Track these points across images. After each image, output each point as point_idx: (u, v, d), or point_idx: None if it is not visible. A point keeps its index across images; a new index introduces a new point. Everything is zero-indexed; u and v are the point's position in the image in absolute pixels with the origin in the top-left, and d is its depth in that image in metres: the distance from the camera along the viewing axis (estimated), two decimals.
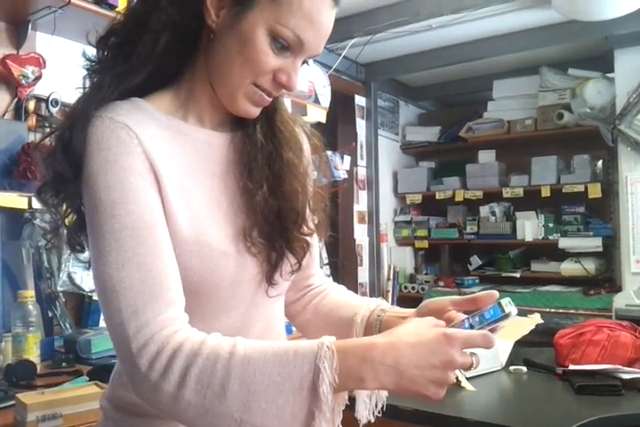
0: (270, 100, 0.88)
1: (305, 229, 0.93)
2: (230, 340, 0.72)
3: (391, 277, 4.20)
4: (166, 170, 0.81)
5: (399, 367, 0.67)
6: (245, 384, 0.67)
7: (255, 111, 0.88)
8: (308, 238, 0.93)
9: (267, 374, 0.67)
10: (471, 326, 0.75)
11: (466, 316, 0.80)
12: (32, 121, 2.15)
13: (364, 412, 0.91)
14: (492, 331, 0.74)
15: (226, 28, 0.82)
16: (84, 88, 0.86)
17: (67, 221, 0.87)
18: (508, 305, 0.75)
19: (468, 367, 0.70)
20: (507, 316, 0.74)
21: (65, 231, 0.88)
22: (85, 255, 0.86)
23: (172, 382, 0.68)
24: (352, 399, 0.89)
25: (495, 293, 0.81)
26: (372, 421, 0.92)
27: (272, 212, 0.88)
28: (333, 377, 0.66)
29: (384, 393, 0.92)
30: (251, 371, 0.67)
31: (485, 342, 0.70)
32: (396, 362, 0.67)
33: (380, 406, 0.92)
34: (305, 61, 0.87)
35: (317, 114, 3.18)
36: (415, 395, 0.69)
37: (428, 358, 0.67)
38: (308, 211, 0.94)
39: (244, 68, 0.82)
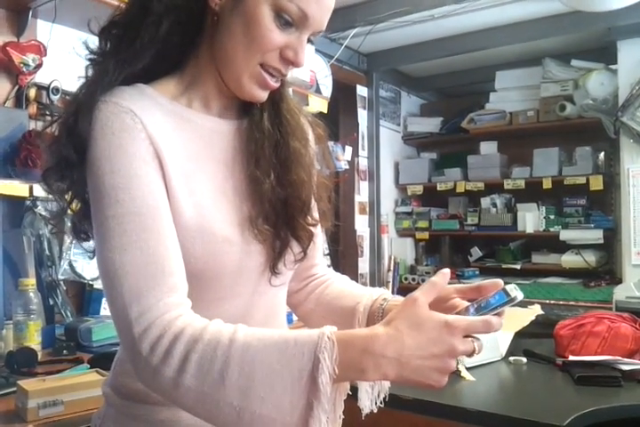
0: (277, 85, 0.87)
1: (310, 218, 0.93)
2: (231, 326, 0.71)
3: (392, 268, 4.20)
4: (170, 156, 0.81)
5: (401, 359, 0.67)
6: (244, 372, 0.67)
7: (262, 95, 0.87)
8: (312, 228, 0.93)
9: (266, 363, 0.67)
10: (477, 312, 0.74)
11: (470, 303, 0.80)
12: (33, 109, 2.14)
13: (367, 401, 0.91)
14: (498, 316, 0.73)
15: (229, 8, 0.82)
16: (87, 77, 0.85)
17: (72, 208, 0.87)
18: (514, 290, 0.74)
19: (471, 354, 0.70)
20: (512, 300, 0.73)
21: (69, 219, 0.88)
22: (88, 244, 0.86)
23: (173, 367, 0.68)
24: (355, 389, 0.89)
25: (500, 281, 0.80)
26: (375, 410, 0.92)
27: (279, 200, 0.88)
28: (333, 368, 0.65)
29: (386, 383, 0.92)
30: (250, 358, 0.67)
31: (486, 328, 0.69)
32: (399, 354, 0.67)
33: (382, 395, 0.92)
34: (309, 40, 0.86)
35: (319, 104, 3.17)
36: (417, 384, 0.69)
37: (430, 348, 0.67)
38: (313, 200, 0.94)
39: (251, 46, 0.82)
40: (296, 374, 0.66)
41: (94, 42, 0.86)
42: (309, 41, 0.86)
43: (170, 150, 0.81)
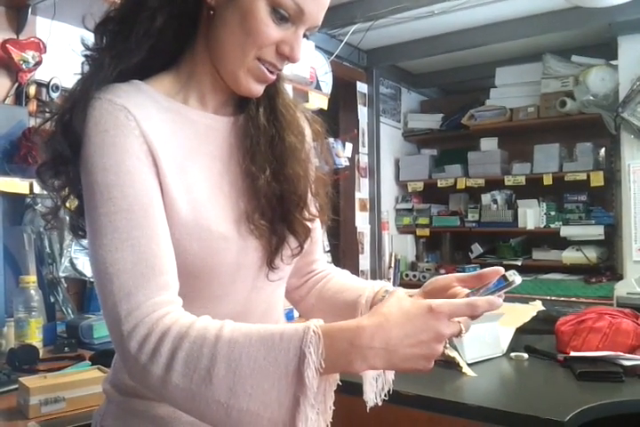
0: (274, 77, 0.87)
1: (306, 213, 0.92)
2: (218, 323, 0.71)
3: (392, 264, 4.20)
4: (165, 153, 0.81)
5: (388, 348, 0.67)
6: (231, 368, 0.66)
7: (259, 89, 0.87)
8: (309, 223, 0.93)
9: (252, 358, 0.66)
10: None
11: (470, 290, 0.80)
12: (33, 106, 2.15)
13: (371, 394, 0.91)
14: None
15: (225, 2, 0.82)
16: (83, 74, 0.85)
17: (69, 205, 0.87)
18: (512, 275, 0.75)
19: (458, 335, 0.70)
20: (510, 284, 0.74)
21: (67, 216, 0.88)
22: (87, 241, 0.86)
23: (160, 366, 0.68)
24: (359, 385, 0.89)
25: (500, 268, 0.80)
26: (380, 403, 0.92)
27: (274, 195, 0.88)
28: (319, 362, 0.65)
29: (390, 376, 0.92)
30: (236, 355, 0.67)
31: (471, 311, 0.69)
32: (386, 344, 0.67)
33: (386, 388, 0.92)
34: (305, 35, 0.86)
35: (319, 100, 3.16)
36: (404, 371, 0.69)
37: (417, 335, 0.67)
38: (309, 195, 0.94)
39: (246, 41, 0.81)
40: (282, 370, 0.66)
41: (90, 38, 0.86)
42: (305, 36, 0.86)
43: (165, 147, 0.81)
